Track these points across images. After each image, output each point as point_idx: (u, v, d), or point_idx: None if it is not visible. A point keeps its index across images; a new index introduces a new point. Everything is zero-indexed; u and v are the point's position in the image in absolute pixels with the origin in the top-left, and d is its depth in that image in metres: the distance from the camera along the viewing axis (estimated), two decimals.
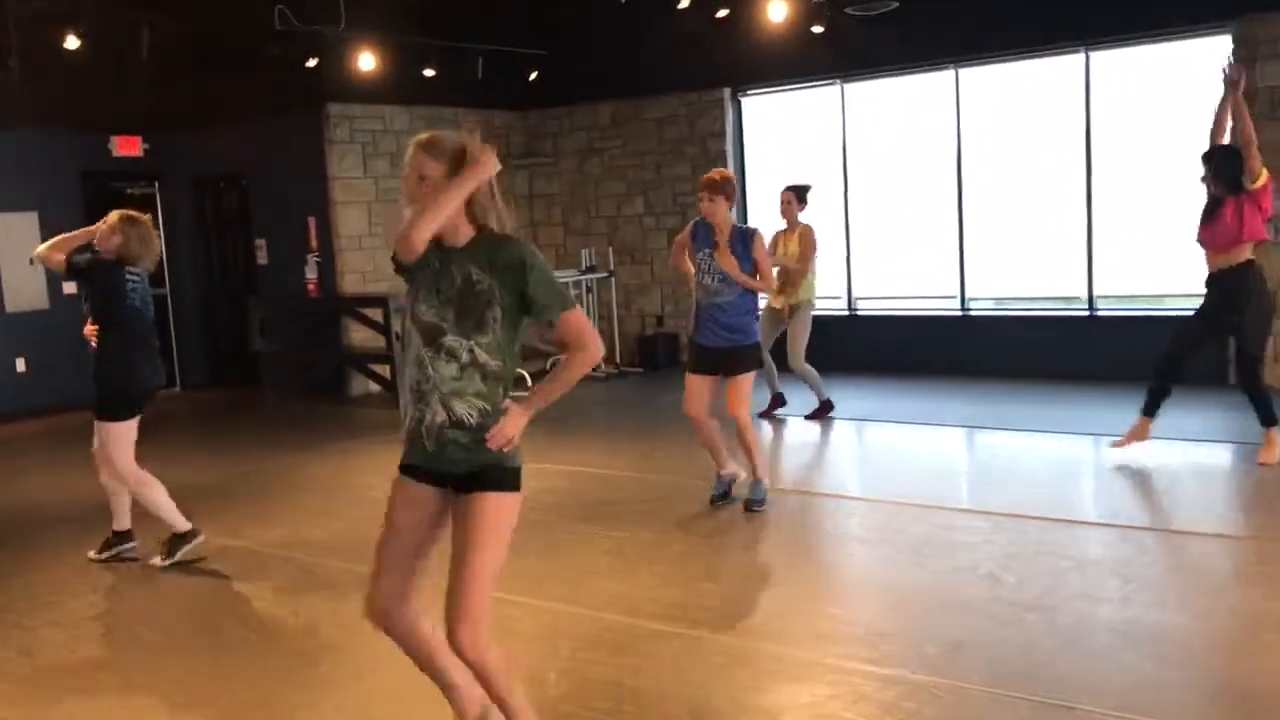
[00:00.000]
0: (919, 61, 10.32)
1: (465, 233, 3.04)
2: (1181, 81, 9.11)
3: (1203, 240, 6.59)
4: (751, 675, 3.95)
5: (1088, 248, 9.74)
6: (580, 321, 3.11)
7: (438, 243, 3.01)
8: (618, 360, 11.83)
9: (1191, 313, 6.92)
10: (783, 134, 11.48)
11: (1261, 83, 8.57)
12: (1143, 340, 9.30)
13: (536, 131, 12.93)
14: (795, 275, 8.39)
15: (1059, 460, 7.13)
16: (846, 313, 11.14)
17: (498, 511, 2.98)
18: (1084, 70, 9.56)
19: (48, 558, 5.91)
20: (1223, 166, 6.50)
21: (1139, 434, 6.84)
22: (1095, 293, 9.81)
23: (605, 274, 11.87)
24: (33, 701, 4.09)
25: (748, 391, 6.05)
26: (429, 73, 9.87)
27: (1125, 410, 7.09)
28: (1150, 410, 6.82)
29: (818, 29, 9.12)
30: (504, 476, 3.00)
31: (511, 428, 2.99)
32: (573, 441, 8.23)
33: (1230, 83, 6.54)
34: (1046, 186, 9.98)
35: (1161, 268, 9.48)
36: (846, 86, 10.87)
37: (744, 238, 6.02)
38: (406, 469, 3.08)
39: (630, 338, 12.17)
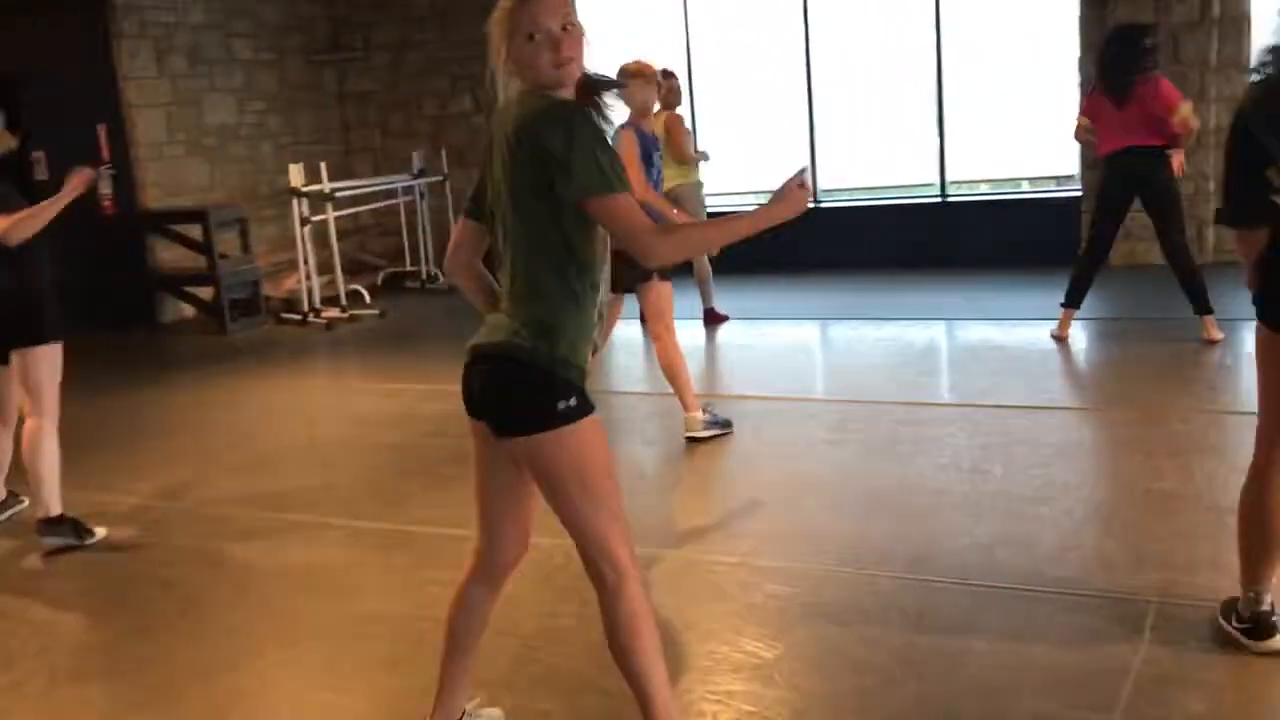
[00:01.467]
0: None
1: None
2: None
3: None
4: (784, 599, 3.61)
5: (939, 134, 9.75)
6: None
7: None
8: None
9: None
10: (626, 17, 10.90)
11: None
12: (995, 224, 9.53)
13: (345, 22, 11.81)
14: None
15: (973, 347, 7.11)
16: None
17: None
18: None
19: None
20: None
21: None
22: (947, 179, 9.88)
23: (439, 178, 11.06)
24: None
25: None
26: None
27: (1003, 294, 7.11)
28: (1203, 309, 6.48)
29: None
30: None
31: None
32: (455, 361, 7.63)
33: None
34: (896, 73, 9.89)
35: (1014, 152, 9.67)
36: None
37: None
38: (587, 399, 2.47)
39: None
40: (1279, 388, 2.78)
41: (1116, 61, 6.41)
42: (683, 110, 8.14)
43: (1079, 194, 9.21)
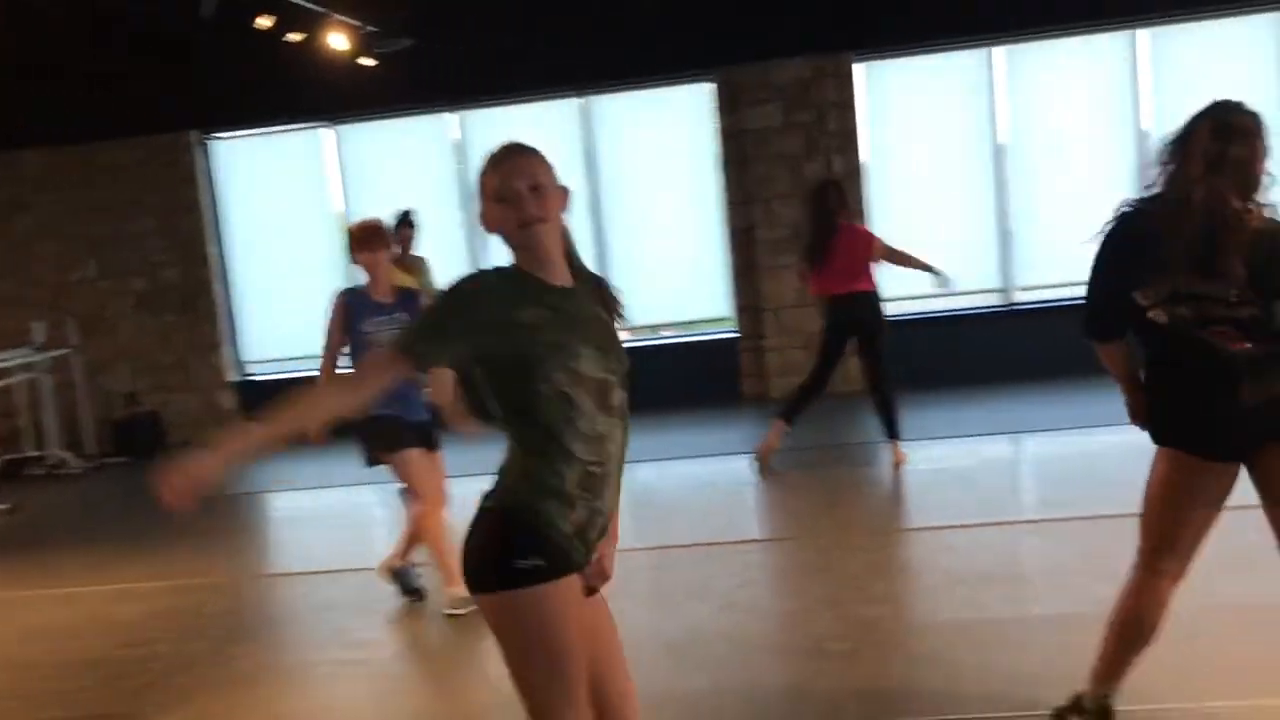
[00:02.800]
0: (420, 105, 10.02)
1: (564, 268, 2.45)
2: (676, 125, 9.87)
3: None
4: None
5: None
6: None
7: (547, 285, 2.38)
8: (91, 451, 9.96)
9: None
10: (270, 179, 10.51)
11: (745, 126, 9.52)
12: (661, 367, 9.93)
13: None
14: None
15: (681, 485, 7.27)
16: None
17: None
18: (579, 115, 9.94)
19: None
20: None
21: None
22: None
23: (66, 350, 9.94)
24: None
25: None
26: None
27: (683, 433, 7.40)
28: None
29: (368, 61, 8.44)
30: None
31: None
32: (134, 553, 6.78)
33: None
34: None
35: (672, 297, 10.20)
36: (340, 129, 10.25)
37: (413, 297, 5.18)
38: (557, 567, 2.31)
39: (100, 422, 10.30)
40: (1159, 503, 3.02)
41: (810, 222, 7.11)
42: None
43: (736, 335, 9.85)
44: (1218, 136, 2.80)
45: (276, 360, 10.71)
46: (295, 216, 10.43)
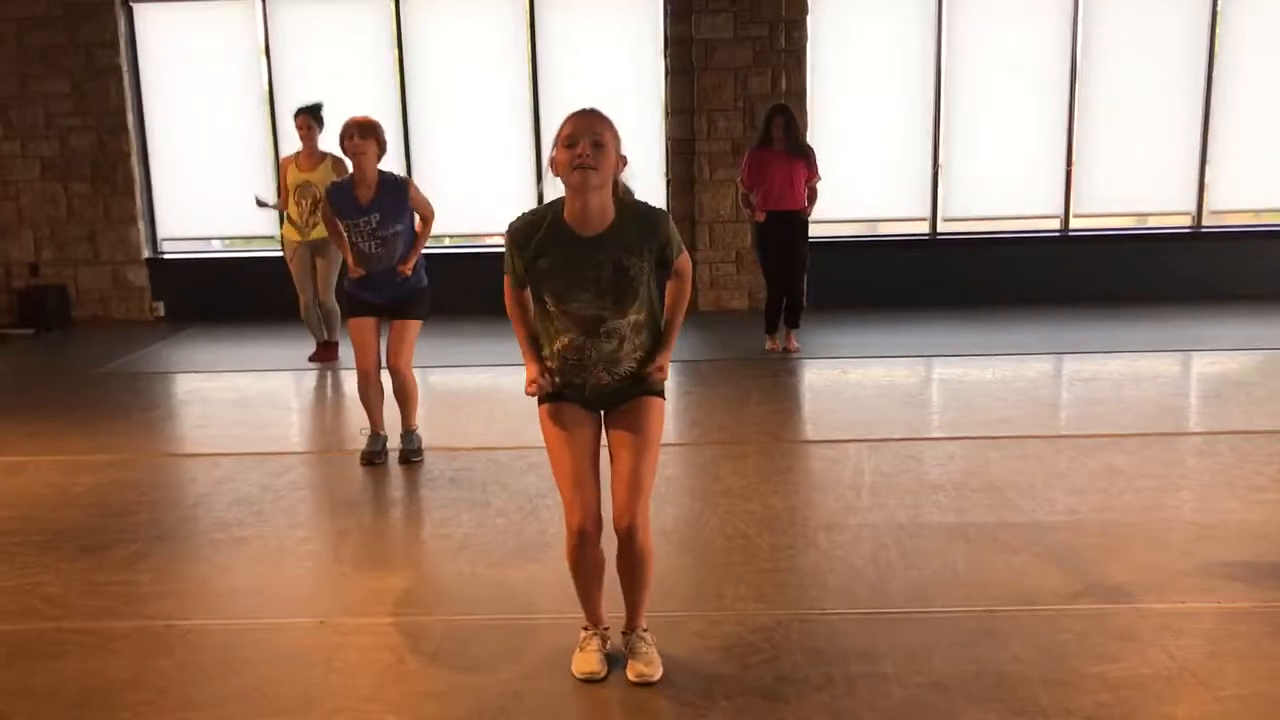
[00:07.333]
0: None
1: (605, 217, 3.06)
2: (622, 30, 9.78)
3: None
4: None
5: None
6: (688, 259, 3.36)
7: (571, 234, 3.05)
8: None
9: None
10: (196, 52, 10.05)
11: (693, 35, 9.49)
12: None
13: None
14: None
15: None
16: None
17: (660, 411, 3.27)
18: (523, 14, 9.78)
19: None
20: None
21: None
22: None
23: None
24: None
25: (414, 339, 5.61)
26: None
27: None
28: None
29: None
30: (659, 390, 3.30)
31: (666, 369, 3.28)
32: (69, 426, 6.58)
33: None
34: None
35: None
36: (271, 4, 9.85)
37: (396, 189, 5.44)
38: (560, 396, 3.24)
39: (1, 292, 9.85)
40: None
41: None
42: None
43: None
44: None
45: (191, 239, 10.40)
46: (220, 93, 10.04)
